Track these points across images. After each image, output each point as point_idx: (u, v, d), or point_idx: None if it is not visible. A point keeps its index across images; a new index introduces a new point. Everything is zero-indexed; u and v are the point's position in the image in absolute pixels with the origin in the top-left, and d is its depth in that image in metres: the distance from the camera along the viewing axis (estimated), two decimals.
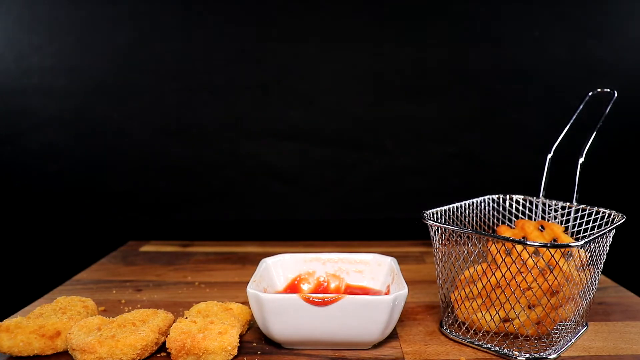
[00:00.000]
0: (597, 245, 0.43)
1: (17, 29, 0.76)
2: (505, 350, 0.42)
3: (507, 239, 0.40)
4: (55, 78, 0.77)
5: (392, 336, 0.46)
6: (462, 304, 0.45)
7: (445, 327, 0.47)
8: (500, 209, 0.54)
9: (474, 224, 0.53)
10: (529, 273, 0.40)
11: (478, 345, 0.44)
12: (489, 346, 0.43)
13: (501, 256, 0.42)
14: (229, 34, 0.77)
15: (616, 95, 0.51)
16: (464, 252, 0.44)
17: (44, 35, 0.76)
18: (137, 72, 0.78)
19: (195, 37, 0.77)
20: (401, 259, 0.61)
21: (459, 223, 0.51)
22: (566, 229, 0.51)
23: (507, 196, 0.54)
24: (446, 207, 0.49)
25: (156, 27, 0.77)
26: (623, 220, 0.45)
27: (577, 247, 0.40)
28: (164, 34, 0.77)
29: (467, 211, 0.52)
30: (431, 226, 0.45)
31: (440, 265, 0.46)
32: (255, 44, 0.77)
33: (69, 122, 0.78)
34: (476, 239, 0.43)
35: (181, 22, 0.77)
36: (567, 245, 0.39)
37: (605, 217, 0.48)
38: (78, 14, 0.76)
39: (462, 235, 0.43)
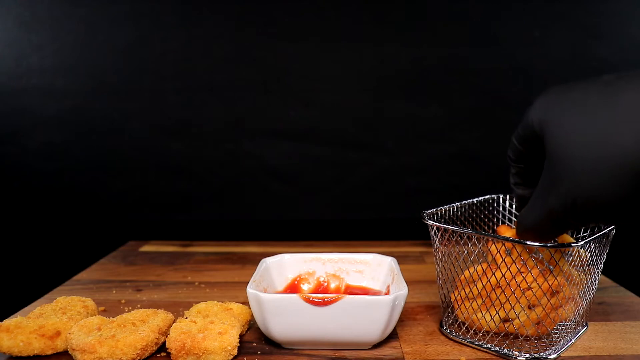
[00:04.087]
0: (597, 245, 0.43)
1: (17, 29, 0.76)
2: (505, 350, 0.42)
3: (507, 239, 0.40)
4: (55, 78, 0.77)
5: (392, 336, 0.46)
6: (462, 304, 0.45)
7: (445, 327, 0.47)
8: (500, 208, 0.54)
9: (474, 224, 0.52)
10: (529, 273, 0.40)
11: (478, 345, 0.44)
12: (489, 346, 0.43)
13: (501, 256, 0.42)
14: (229, 34, 0.77)
15: None
16: (464, 252, 0.44)
17: (44, 35, 0.76)
18: (137, 72, 0.78)
19: (195, 37, 0.77)
20: (401, 259, 0.61)
21: (458, 223, 0.51)
22: None
23: (507, 196, 0.54)
24: (446, 207, 0.49)
25: (156, 27, 0.77)
26: None
27: (578, 247, 0.40)
28: (164, 34, 0.77)
29: (467, 211, 0.52)
30: (431, 226, 0.45)
31: (440, 265, 0.46)
32: (255, 44, 0.77)
33: (69, 122, 0.78)
34: (476, 239, 0.43)
35: (181, 22, 0.77)
36: (568, 245, 0.39)
37: None
38: (78, 13, 0.76)
39: (463, 235, 0.43)
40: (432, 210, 0.47)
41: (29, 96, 0.77)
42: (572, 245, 0.39)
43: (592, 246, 0.42)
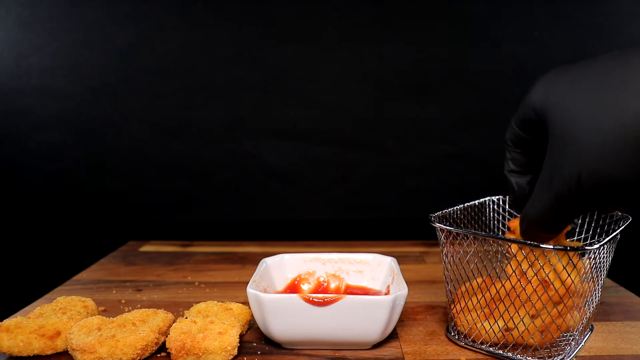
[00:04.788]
0: (607, 248, 0.41)
1: (17, 29, 0.76)
2: (519, 356, 0.41)
3: (523, 242, 0.38)
4: (55, 78, 0.77)
5: (392, 336, 0.46)
6: (460, 314, 0.43)
7: (453, 334, 0.45)
8: (504, 209, 0.53)
9: (478, 225, 0.51)
10: (543, 278, 0.39)
11: (489, 352, 0.42)
12: (501, 352, 0.42)
13: (515, 259, 0.40)
14: (229, 34, 0.77)
15: None
16: (479, 252, 0.42)
17: (44, 35, 0.76)
18: (137, 72, 0.78)
19: (195, 37, 0.77)
20: (401, 259, 0.61)
21: (462, 225, 0.49)
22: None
23: (507, 197, 0.53)
24: (452, 209, 0.48)
25: (156, 27, 0.77)
26: (629, 221, 0.44)
27: (594, 250, 0.38)
28: (164, 34, 0.77)
29: (472, 212, 0.50)
30: (441, 229, 0.43)
31: (449, 269, 0.44)
32: (255, 44, 0.77)
33: (69, 122, 0.78)
34: (491, 242, 0.41)
35: (181, 22, 0.77)
36: (583, 249, 0.38)
37: (607, 217, 0.47)
38: (78, 13, 0.76)
39: (478, 238, 0.41)
40: (439, 212, 0.46)
41: (29, 96, 0.77)
42: (588, 248, 0.37)
43: (605, 248, 0.41)
